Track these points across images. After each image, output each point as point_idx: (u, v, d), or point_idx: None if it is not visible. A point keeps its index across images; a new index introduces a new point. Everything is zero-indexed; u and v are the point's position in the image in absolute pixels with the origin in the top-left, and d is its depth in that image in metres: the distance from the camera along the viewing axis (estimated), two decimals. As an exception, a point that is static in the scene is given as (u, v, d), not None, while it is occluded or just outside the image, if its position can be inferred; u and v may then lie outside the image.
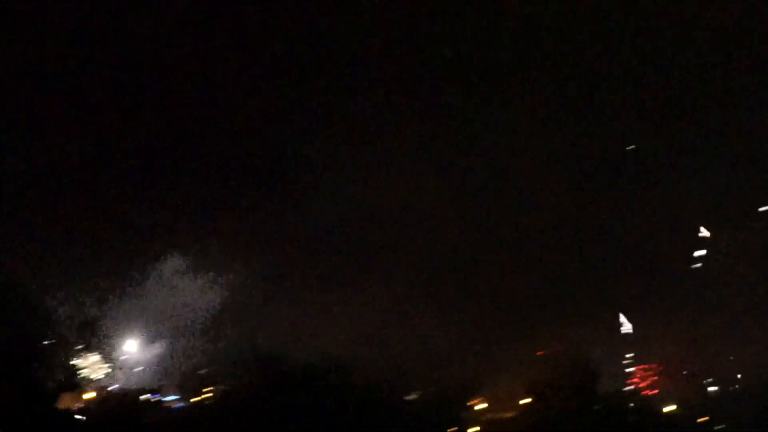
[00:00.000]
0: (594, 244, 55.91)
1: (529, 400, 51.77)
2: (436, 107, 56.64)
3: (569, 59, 57.71)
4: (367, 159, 54.27)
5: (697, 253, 55.15)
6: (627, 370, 55.38)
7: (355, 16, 56.03)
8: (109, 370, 48.85)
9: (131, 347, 50.96)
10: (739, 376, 53.93)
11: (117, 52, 54.08)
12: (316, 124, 56.46)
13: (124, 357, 50.24)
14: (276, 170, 54.52)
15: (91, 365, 48.94)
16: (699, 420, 51.29)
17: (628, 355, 55.60)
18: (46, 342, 47.12)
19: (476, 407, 54.05)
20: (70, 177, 53.21)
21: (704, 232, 54.92)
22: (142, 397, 47.02)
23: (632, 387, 54.70)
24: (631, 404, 52.20)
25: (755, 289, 53.20)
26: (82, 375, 48.26)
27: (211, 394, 49.17)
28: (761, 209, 55.19)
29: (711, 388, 54.18)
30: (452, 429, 50.45)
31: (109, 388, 47.92)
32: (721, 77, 57.10)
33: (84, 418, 45.93)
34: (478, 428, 51.65)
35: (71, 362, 48.41)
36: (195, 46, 55.45)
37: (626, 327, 56.08)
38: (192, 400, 49.99)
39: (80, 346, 49.04)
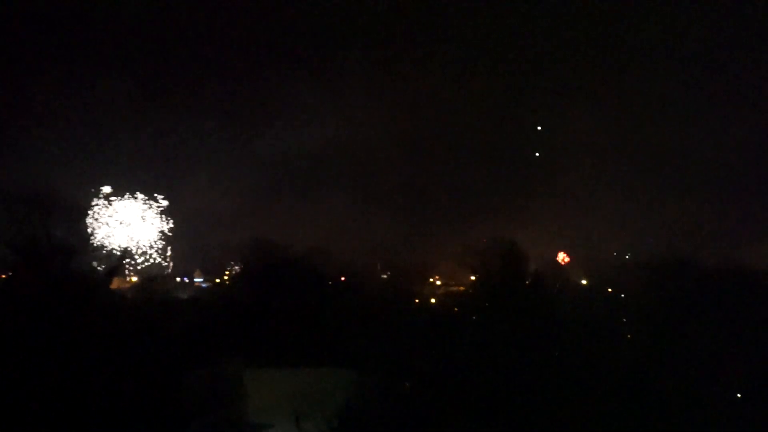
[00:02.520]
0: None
1: (474, 277, 63.13)
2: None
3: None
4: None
5: None
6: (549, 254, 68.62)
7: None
8: (152, 261, 62.19)
9: (168, 244, 64.39)
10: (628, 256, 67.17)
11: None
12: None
13: (162, 251, 63.51)
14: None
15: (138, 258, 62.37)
16: (608, 290, 63.89)
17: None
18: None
19: (436, 283, 67.58)
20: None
21: None
22: (177, 279, 59.89)
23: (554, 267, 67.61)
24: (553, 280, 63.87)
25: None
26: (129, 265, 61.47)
27: (226, 277, 62.53)
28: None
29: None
30: (416, 300, 61.77)
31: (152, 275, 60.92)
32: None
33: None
34: (434, 300, 64.40)
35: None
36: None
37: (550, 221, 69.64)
38: (214, 281, 63.78)
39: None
